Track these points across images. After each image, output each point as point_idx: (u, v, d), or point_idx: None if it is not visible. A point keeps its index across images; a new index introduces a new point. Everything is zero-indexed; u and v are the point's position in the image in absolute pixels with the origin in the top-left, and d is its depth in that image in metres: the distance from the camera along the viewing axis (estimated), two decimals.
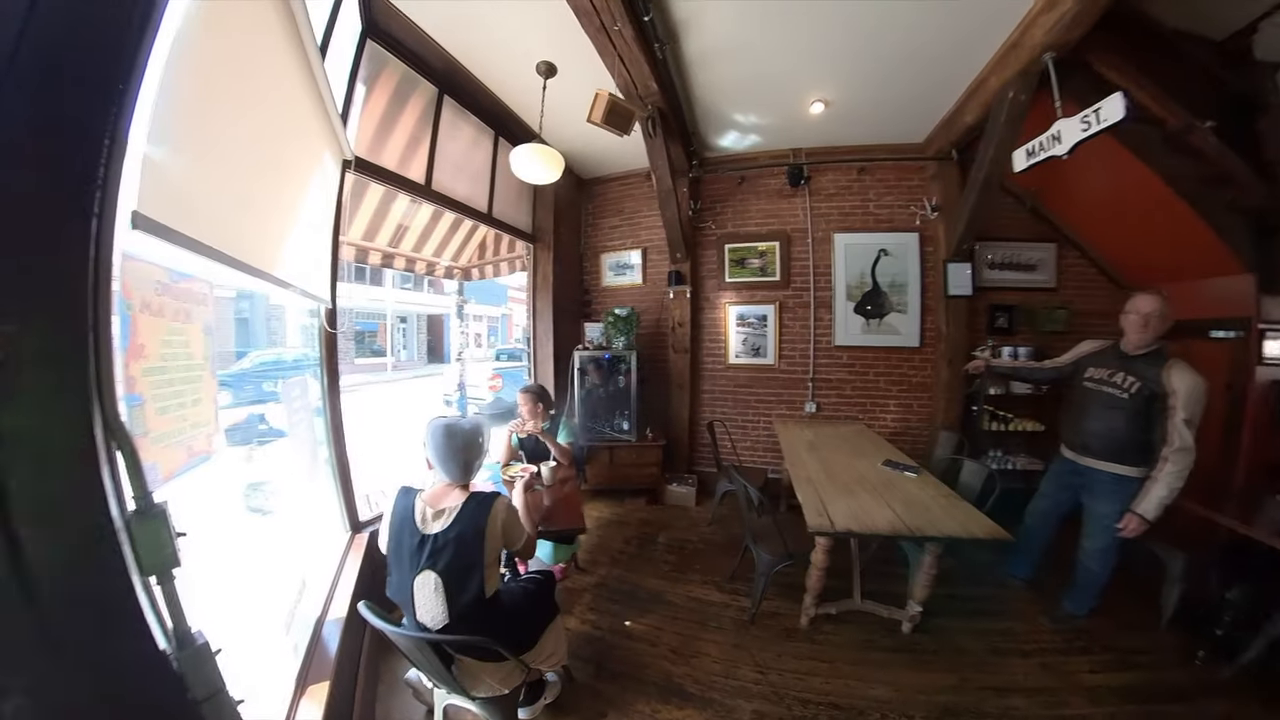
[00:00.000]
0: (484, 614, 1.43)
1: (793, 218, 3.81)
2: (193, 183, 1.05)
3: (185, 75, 0.94)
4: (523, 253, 4.06)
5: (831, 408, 3.81)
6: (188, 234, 1.01)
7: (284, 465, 2.39)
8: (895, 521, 1.96)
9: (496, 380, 8.35)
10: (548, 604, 1.79)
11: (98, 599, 0.66)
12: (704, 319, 4.08)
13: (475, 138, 3.30)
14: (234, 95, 1.24)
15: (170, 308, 1.13)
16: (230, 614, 1.16)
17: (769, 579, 2.30)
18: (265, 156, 1.47)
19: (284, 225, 1.66)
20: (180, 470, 1.17)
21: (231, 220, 1.27)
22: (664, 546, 3.18)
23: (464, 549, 1.41)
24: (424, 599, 1.41)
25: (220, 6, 1.09)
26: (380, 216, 3.37)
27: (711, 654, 2.15)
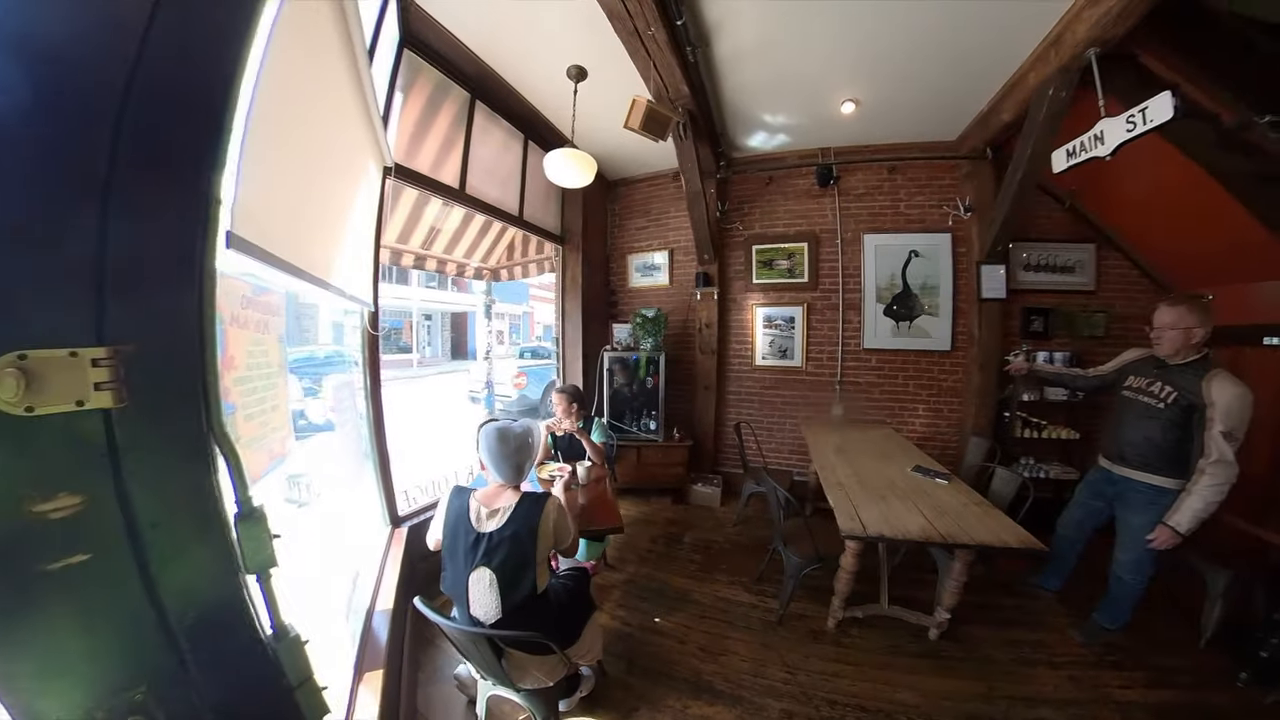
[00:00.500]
0: (535, 609, 1.50)
1: (821, 218, 3.77)
2: (265, 198, 1.11)
3: (261, 93, 0.98)
4: (551, 254, 4.12)
5: (859, 411, 3.78)
6: (267, 249, 1.08)
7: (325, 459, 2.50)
8: (927, 528, 1.96)
9: (521, 378, 8.39)
10: (586, 600, 1.86)
11: (211, 594, 0.73)
12: (731, 320, 4.08)
13: (506, 141, 3.36)
14: (295, 107, 1.28)
15: (253, 320, 1.21)
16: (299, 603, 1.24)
17: (798, 581, 2.31)
18: (320, 166, 1.53)
19: (335, 232, 1.74)
20: (264, 472, 1.26)
21: (295, 231, 1.34)
22: (690, 546, 3.22)
23: (518, 547, 1.47)
24: (478, 594, 1.48)
25: (288, 26, 1.12)
26: (414, 220, 3.46)
27: (740, 653, 2.18)
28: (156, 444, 0.64)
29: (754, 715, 1.84)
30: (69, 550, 0.55)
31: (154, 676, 0.63)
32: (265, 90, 0.99)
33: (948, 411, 3.57)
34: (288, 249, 1.22)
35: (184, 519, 0.69)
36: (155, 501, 0.64)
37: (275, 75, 1.05)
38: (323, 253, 1.60)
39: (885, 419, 3.70)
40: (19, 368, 0.51)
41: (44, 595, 0.54)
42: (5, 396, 0.50)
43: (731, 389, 4.13)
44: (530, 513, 1.50)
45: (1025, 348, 3.21)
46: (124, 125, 0.59)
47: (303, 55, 1.26)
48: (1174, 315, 2.01)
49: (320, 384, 3.39)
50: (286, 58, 1.12)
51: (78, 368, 0.55)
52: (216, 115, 0.70)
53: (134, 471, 0.61)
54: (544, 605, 1.55)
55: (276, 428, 1.39)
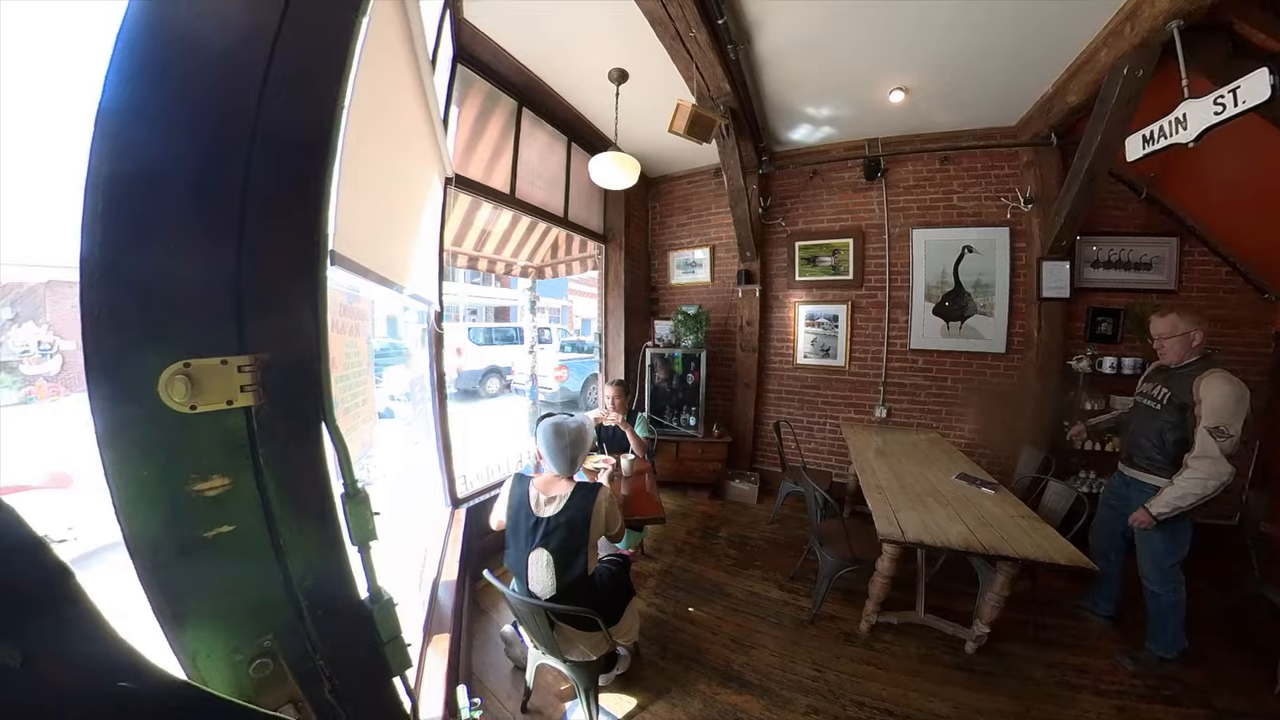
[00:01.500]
0: (584, 589, 1.63)
1: (868, 213, 3.61)
2: (355, 216, 1.23)
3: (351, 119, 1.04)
4: (594, 252, 4.20)
5: (903, 414, 3.62)
6: (360, 263, 1.21)
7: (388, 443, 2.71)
8: (968, 537, 1.89)
9: (562, 371, 8.55)
10: (627, 585, 1.95)
11: (323, 562, 0.86)
12: (772, 318, 4.01)
13: (551, 145, 3.45)
14: (374, 128, 1.37)
15: (348, 325, 1.35)
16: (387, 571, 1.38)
17: (832, 581, 2.29)
18: (394, 182, 1.67)
19: (408, 241, 1.90)
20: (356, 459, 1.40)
21: (377, 243, 1.48)
22: (725, 541, 3.24)
23: (573, 533, 1.60)
24: (536, 572, 1.62)
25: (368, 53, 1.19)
26: (467, 224, 3.64)
27: (769, 647, 2.19)
28: (284, 436, 0.77)
29: (780, 708, 1.86)
30: (219, 522, 0.69)
31: (279, 627, 0.77)
32: (353, 115, 1.08)
33: (1000, 418, 3.34)
34: (374, 260, 1.37)
35: (305, 499, 0.82)
36: (282, 484, 0.77)
37: (360, 100, 1.14)
38: (400, 260, 1.76)
39: (931, 423, 3.52)
40: (185, 374, 0.64)
41: (201, 557, 0.68)
42: (177, 398, 0.64)
43: (772, 387, 4.06)
44: (584, 501, 1.62)
45: (1090, 352, 2.96)
46: (252, 169, 0.71)
47: (379, 76, 1.36)
48: (1168, 325, 2.03)
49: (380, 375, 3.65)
50: (368, 81, 1.22)
51: (228, 374, 0.68)
52: (321, 149, 0.81)
53: (267, 459, 0.74)
54: (592, 586, 1.68)
55: (366, 419, 1.54)
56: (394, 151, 1.61)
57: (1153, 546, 2.01)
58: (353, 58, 0.84)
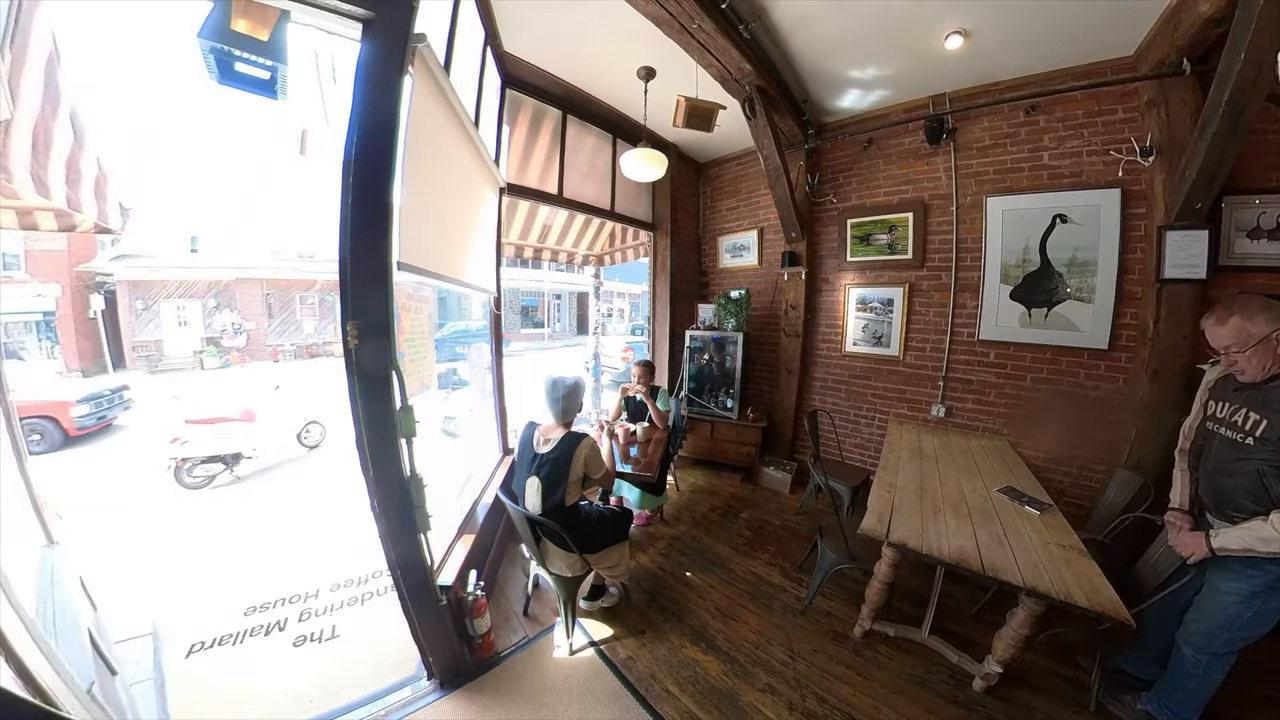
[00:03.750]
0: (561, 515, 1.91)
1: (932, 182, 3.02)
2: (418, 231, 1.68)
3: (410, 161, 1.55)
4: (644, 240, 4.24)
5: (967, 415, 3.02)
6: (421, 266, 1.71)
7: (468, 406, 3.27)
8: (968, 551, 1.62)
9: (628, 352, 9.46)
10: (617, 529, 2.14)
11: (386, 448, 1.48)
12: (820, 302, 3.62)
13: (597, 145, 3.57)
14: (432, 163, 1.82)
15: (413, 307, 1.93)
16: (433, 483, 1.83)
17: (828, 575, 2.18)
18: (453, 200, 2.11)
19: (467, 243, 2.33)
20: (415, 393, 1.95)
21: (439, 248, 1.96)
22: (744, 522, 3.16)
23: (556, 468, 1.89)
24: (530, 495, 1.94)
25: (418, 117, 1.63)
26: (530, 220, 3.98)
27: (750, 624, 2.18)
28: (370, 368, 1.40)
29: (738, 677, 1.88)
30: None
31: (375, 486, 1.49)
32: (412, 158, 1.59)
33: (1094, 430, 2.58)
34: (434, 262, 1.87)
35: (378, 408, 1.44)
36: (367, 398, 1.42)
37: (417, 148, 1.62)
38: (459, 259, 2.23)
39: (1001, 428, 2.88)
40: (357, 327, 1.35)
41: None
42: (352, 342, 1.34)
43: (817, 375, 3.70)
44: (569, 445, 1.91)
45: None
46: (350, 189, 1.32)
47: (431, 129, 1.80)
48: (1232, 331, 1.41)
49: (469, 350, 4.30)
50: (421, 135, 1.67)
51: (353, 329, 1.35)
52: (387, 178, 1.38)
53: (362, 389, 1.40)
54: (571, 516, 1.95)
55: (424, 369, 2.21)
56: (449, 181, 2.04)
57: (1220, 607, 1.44)
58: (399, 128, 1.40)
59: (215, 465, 4.05)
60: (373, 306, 1.38)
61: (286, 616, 2.31)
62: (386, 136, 1.36)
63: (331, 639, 2.15)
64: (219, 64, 1.16)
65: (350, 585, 2.56)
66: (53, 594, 1.58)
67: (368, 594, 2.48)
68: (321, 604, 2.41)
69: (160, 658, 2.04)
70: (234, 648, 2.11)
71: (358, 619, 2.29)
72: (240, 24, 1.08)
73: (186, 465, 3.96)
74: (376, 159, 1.35)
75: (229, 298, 12.77)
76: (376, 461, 1.46)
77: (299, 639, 2.14)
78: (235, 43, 1.11)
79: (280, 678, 1.93)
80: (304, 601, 2.43)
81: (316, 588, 2.54)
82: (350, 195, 1.32)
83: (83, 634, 1.46)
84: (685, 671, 1.92)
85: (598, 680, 1.87)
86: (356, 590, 2.51)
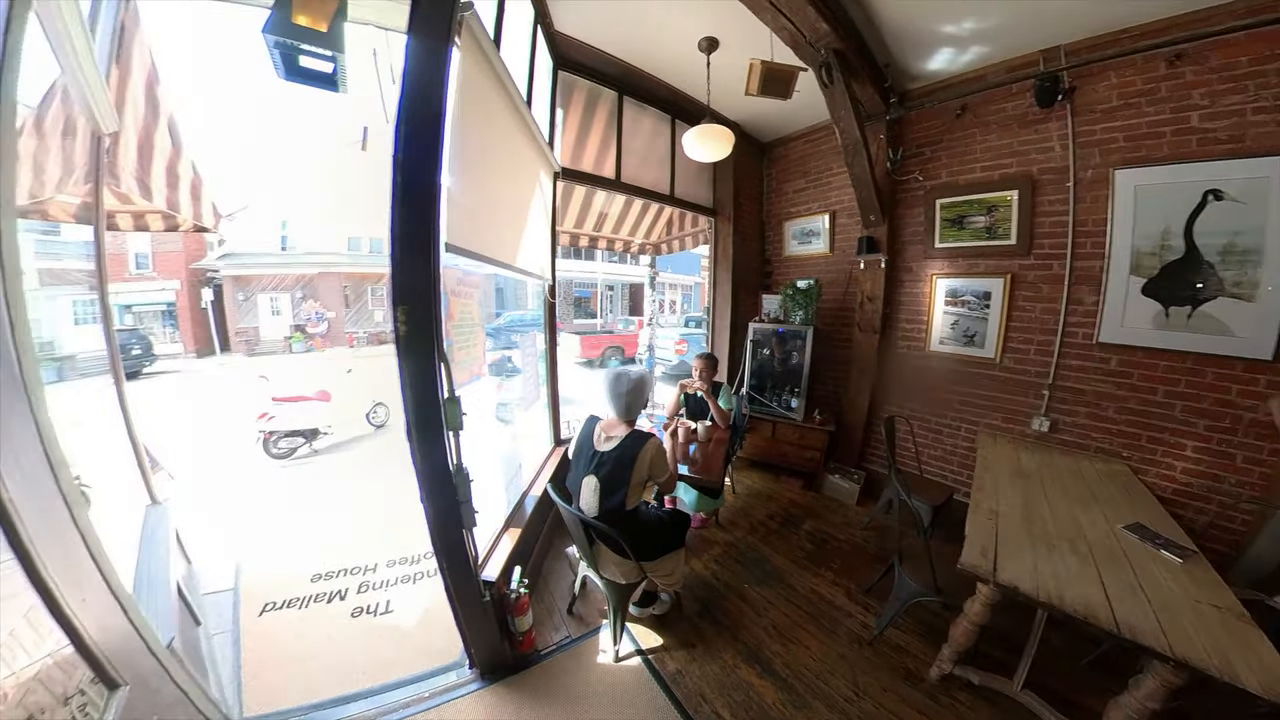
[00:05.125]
0: (621, 519, 1.88)
1: (1042, 153, 2.70)
2: (466, 208, 1.70)
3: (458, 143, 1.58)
4: (705, 226, 4.16)
5: (1077, 431, 2.70)
6: (470, 249, 1.75)
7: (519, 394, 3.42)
8: (1094, 602, 1.43)
9: (682, 345, 9.40)
10: (674, 536, 2.12)
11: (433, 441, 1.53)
12: (902, 294, 3.38)
13: (655, 126, 3.55)
14: (480, 142, 1.83)
15: (463, 292, 1.99)
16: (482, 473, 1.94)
17: (904, 606, 2.04)
18: (506, 184, 2.17)
19: (519, 227, 2.40)
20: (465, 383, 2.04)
21: (492, 232, 2.00)
22: (806, 533, 3.07)
23: (618, 468, 1.85)
24: (586, 494, 1.92)
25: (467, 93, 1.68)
26: (586, 208, 4.04)
27: (811, 649, 2.12)
28: (418, 356, 1.45)
29: (796, 708, 1.83)
30: None
31: None
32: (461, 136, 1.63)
33: (1245, 460, 2.21)
34: (485, 245, 1.90)
35: (426, 397, 1.48)
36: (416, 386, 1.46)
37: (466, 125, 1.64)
38: (513, 244, 2.30)
39: (1120, 449, 2.55)
40: (405, 311, 1.38)
41: None
42: (402, 328, 1.38)
43: (894, 376, 3.47)
44: (634, 445, 1.85)
45: None
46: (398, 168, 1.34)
47: (480, 106, 1.84)
48: None
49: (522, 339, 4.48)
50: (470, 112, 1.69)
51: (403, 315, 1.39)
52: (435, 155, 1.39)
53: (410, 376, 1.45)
54: (631, 520, 1.91)
55: (475, 358, 2.25)
56: (500, 162, 2.09)
57: None
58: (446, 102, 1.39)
59: (296, 439, 4.73)
60: (420, 290, 1.40)
61: (347, 587, 2.57)
62: (434, 112, 1.35)
63: (385, 613, 2.36)
64: (284, 60, 1.26)
65: (405, 563, 2.79)
66: (149, 552, 1.83)
67: (420, 573, 2.69)
68: (379, 578, 2.65)
69: (238, 613, 2.36)
70: (300, 611, 2.38)
71: (410, 597, 2.49)
72: (301, 18, 1.16)
73: (273, 438, 4.65)
74: (424, 136, 1.35)
75: (313, 289, 15.52)
76: (424, 452, 1.51)
77: (356, 610, 2.38)
78: (298, 36, 1.20)
79: (337, 645, 2.16)
80: (363, 574, 2.68)
81: (375, 562, 2.79)
82: (399, 174, 1.33)
83: (171, 589, 1.69)
84: (738, 695, 1.89)
85: (643, 692, 1.89)
86: (410, 569, 2.74)
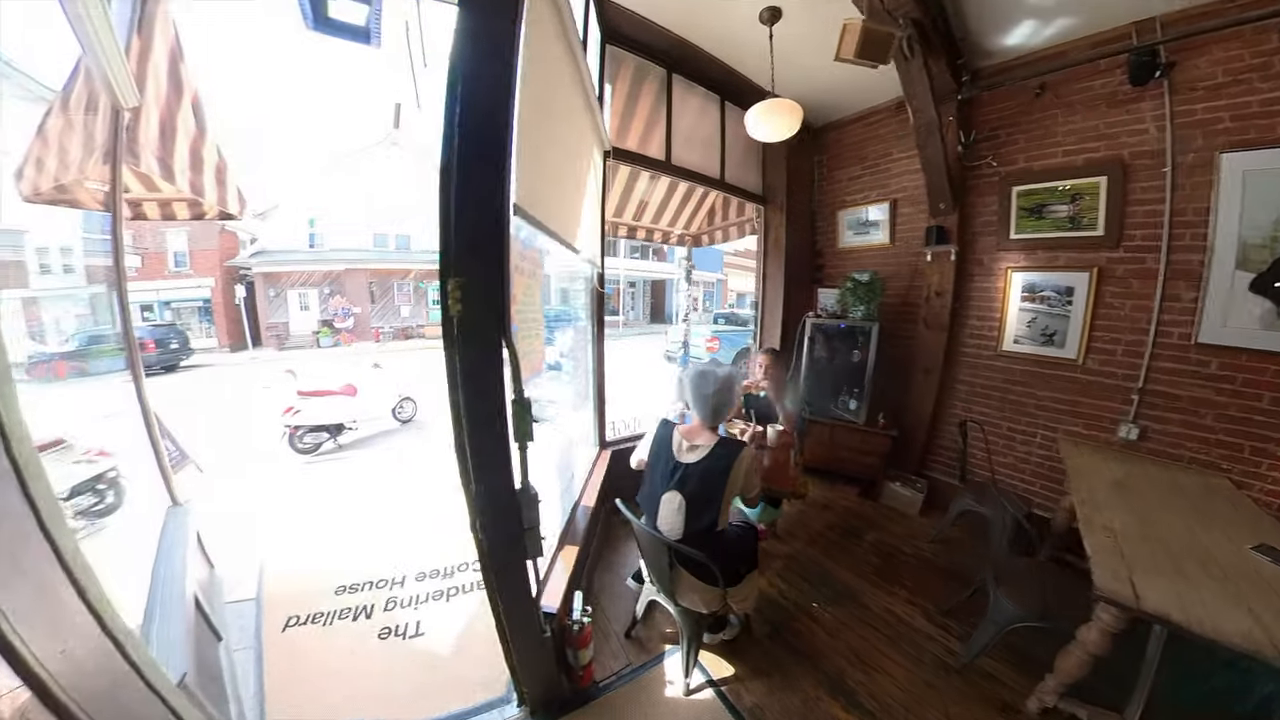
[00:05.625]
0: (710, 542, 1.68)
1: (1135, 135, 2.54)
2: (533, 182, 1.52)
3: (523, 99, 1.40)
4: (752, 215, 4.01)
5: (1169, 440, 2.54)
6: (537, 216, 1.55)
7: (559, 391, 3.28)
8: (1255, 635, 1.29)
9: (714, 342, 9.03)
10: (754, 554, 1.96)
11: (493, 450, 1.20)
12: (971, 288, 3.22)
13: (703, 107, 3.40)
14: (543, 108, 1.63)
15: (526, 269, 1.75)
16: None
17: (1001, 632, 1.89)
18: (565, 152, 1.98)
19: (578, 206, 2.24)
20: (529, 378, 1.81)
21: (552, 204, 1.80)
22: (869, 546, 2.94)
23: (709, 483, 1.66)
24: (667, 513, 1.72)
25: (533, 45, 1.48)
26: (626, 194, 3.89)
27: (896, 678, 1.98)
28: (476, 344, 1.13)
29: None
30: None
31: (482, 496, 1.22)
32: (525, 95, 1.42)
33: None
34: (547, 217, 1.70)
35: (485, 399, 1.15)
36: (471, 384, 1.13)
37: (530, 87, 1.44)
38: (573, 222, 2.13)
39: (1218, 460, 2.40)
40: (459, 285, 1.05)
41: None
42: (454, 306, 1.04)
43: (962, 377, 3.32)
44: (727, 455, 1.66)
45: None
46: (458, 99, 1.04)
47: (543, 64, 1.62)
48: None
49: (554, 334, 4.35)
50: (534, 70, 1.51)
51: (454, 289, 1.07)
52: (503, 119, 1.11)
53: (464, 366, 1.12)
54: (718, 542, 1.71)
55: (536, 350, 1.98)
56: (563, 129, 1.90)
57: None
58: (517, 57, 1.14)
59: (321, 434, 4.69)
60: (482, 259, 1.10)
61: (373, 603, 2.42)
62: (506, 37, 1.09)
63: (416, 636, 2.21)
64: (312, 8, 1.12)
65: (436, 577, 2.65)
66: (167, 563, 1.70)
67: (453, 589, 2.54)
68: (407, 593, 2.50)
69: (261, 625, 2.23)
70: (324, 628, 2.25)
71: (442, 618, 2.34)
72: None
73: (299, 433, 4.60)
74: (494, 65, 1.06)
75: (340, 285, 16.18)
76: (480, 469, 1.18)
77: (384, 631, 2.23)
78: None
79: (365, 668, 2.03)
80: (390, 588, 2.54)
81: (403, 574, 2.65)
82: (458, 106, 1.01)
83: (188, 606, 1.55)
84: None
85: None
86: (442, 583, 2.59)
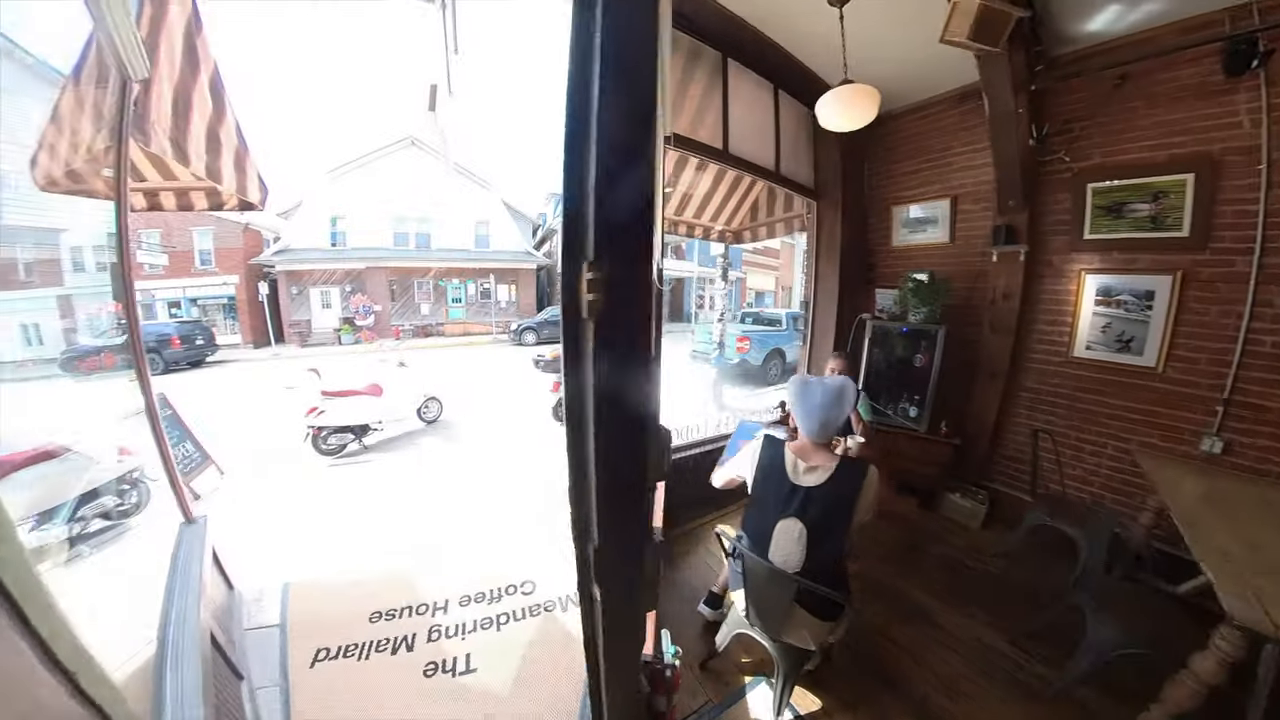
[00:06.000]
0: (833, 573, 1.55)
1: (1226, 130, 2.44)
2: None
3: None
4: (801, 211, 3.90)
5: (1255, 454, 2.44)
6: None
7: None
8: None
9: (744, 342, 8.68)
10: (848, 580, 1.80)
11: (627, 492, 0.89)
12: (1041, 291, 3.11)
13: (756, 94, 3.28)
14: None
15: None
16: None
17: (1101, 659, 1.79)
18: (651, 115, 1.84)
19: None
20: None
21: None
22: (935, 561, 2.85)
23: (835, 509, 1.52)
24: (784, 542, 1.56)
25: None
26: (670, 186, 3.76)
27: (985, 705, 1.90)
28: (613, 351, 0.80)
29: None
30: None
31: None
32: None
33: None
34: None
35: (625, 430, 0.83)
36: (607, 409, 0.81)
37: None
38: None
39: None
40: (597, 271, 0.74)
41: None
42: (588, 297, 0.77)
43: (1029, 384, 3.22)
44: (853, 477, 1.52)
45: None
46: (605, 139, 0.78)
47: None
48: None
49: None
50: None
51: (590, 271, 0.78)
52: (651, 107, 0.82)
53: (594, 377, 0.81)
54: (840, 572, 1.59)
55: None
56: None
57: None
58: None
59: (346, 435, 4.59)
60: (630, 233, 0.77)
61: (414, 632, 2.26)
62: None
63: (467, 672, 2.05)
64: None
65: (482, 601, 2.50)
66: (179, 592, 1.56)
67: (502, 616, 2.39)
68: (452, 621, 2.35)
69: (286, 659, 2.07)
70: (359, 662, 2.09)
71: (495, 649, 2.18)
72: None
73: (322, 434, 4.50)
74: None
75: (361, 284, 16.41)
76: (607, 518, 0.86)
77: (429, 667, 2.07)
78: None
79: (410, 711, 1.87)
80: (432, 615, 2.38)
81: (445, 598, 2.50)
82: None
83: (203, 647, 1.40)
84: None
85: None
86: (489, 609, 2.44)
